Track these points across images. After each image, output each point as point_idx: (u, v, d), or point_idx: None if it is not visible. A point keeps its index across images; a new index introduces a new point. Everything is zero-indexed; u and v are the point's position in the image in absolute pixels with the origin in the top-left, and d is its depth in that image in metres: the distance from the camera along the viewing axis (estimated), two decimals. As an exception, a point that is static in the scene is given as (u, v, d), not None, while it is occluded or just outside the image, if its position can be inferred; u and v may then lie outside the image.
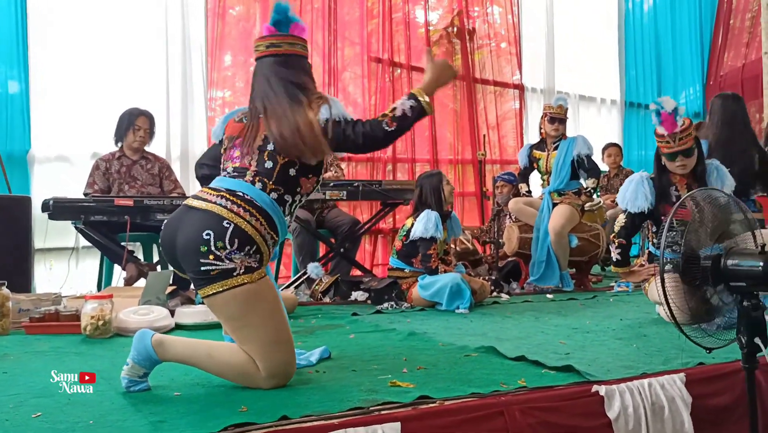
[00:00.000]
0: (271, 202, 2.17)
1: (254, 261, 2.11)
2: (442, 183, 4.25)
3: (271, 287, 2.18)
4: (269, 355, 2.10)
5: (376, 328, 3.34)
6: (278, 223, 2.19)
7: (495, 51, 7.55)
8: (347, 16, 6.68)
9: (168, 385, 2.19)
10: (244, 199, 2.13)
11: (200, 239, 2.06)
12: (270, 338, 2.11)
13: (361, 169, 6.52)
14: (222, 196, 2.14)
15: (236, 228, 2.08)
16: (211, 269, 2.06)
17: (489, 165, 7.04)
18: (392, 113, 2.21)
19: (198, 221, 2.10)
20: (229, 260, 2.06)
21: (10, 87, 5.00)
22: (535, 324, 3.43)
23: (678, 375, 2.24)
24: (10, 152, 4.87)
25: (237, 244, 2.07)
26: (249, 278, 2.08)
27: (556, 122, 5.14)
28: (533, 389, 2.09)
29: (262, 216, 2.14)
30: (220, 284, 2.07)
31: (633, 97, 8.54)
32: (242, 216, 2.10)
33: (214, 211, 2.10)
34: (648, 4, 8.80)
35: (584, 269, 5.24)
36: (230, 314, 2.12)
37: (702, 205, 2.06)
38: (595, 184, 5.20)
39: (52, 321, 3.31)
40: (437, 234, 4.04)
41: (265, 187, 2.18)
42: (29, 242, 4.37)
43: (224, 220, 2.08)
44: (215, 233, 2.06)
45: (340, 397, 1.98)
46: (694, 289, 2.02)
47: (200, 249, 2.06)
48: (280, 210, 2.20)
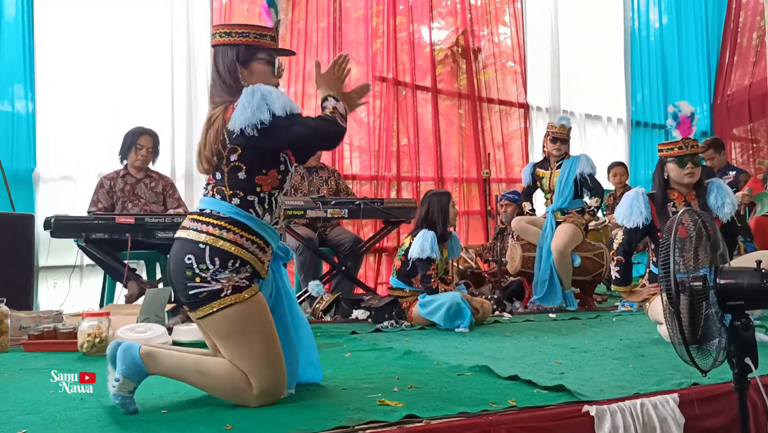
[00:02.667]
0: (236, 209, 2.14)
1: (243, 278, 2.11)
2: (450, 204, 4.24)
3: (262, 304, 2.17)
4: (262, 371, 2.09)
5: (374, 346, 3.32)
6: (255, 226, 2.16)
7: (500, 70, 7.56)
8: (353, 35, 6.72)
9: (156, 402, 2.18)
10: (211, 215, 2.14)
11: (184, 265, 2.09)
12: (262, 355, 2.11)
13: (366, 188, 6.52)
14: (194, 219, 2.16)
15: (212, 248, 2.09)
16: (199, 291, 2.08)
17: (494, 183, 7.03)
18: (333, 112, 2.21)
19: (180, 249, 2.12)
20: (216, 280, 2.07)
21: (17, 106, 5.05)
22: (534, 343, 3.40)
23: (671, 396, 2.21)
24: (16, 170, 4.90)
25: (219, 262, 2.08)
26: (237, 297, 2.09)
27: (558, 142, 5.14)
28: (523, 408, 2.07)
29: (234, 225, 2.12)
30: (209, 306, 2.08)
31: (639, 116, 8.51)
32: (212, 233, 2.10)
33: (190, 237, 2.12)
34: (654, 24, 8.80)
35: (588, 289, 5.21)
36: (222, 334, 2.13)
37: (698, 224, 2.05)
38: (599, 202, 5.19)
39: (51, 339, 3.32)
40: (433, 255, 4.02)
41: (224, 196, 2.16)
42: (32, 260, 4.40)
43: (199, 243, 2.09)
44: (195, 256, 2.08)
45: (326, 415, 1.97)
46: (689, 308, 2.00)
47: (186, 273, 2.08)
48: (251, 213, 2.16)
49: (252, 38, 2.23)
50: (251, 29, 2.24)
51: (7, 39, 5.05)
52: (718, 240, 2.05)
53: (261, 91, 2.09)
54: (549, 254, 4.93)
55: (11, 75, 5.04)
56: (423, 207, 4.26)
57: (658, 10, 8.81)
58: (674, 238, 1.96)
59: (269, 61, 2.25)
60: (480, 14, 7.44)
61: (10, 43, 5.06)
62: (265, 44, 2.25)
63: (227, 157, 2.15)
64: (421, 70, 6.99)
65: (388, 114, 6.70)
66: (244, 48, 2.22)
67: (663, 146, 3.52)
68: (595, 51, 8.23)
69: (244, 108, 2.07)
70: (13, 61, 5.05)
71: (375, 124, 6.66)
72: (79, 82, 5.29)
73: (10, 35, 5.06)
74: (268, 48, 2.25)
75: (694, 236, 2.02)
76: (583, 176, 5.03)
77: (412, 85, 6.87)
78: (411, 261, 4.09)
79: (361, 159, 6.66)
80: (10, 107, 5.05)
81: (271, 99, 2.08)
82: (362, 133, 6.71)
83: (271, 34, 2.27)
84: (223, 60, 2.23)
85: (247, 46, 2.22)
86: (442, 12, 7.40)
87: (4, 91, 5.02)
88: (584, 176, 5.03)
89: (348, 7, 6.68)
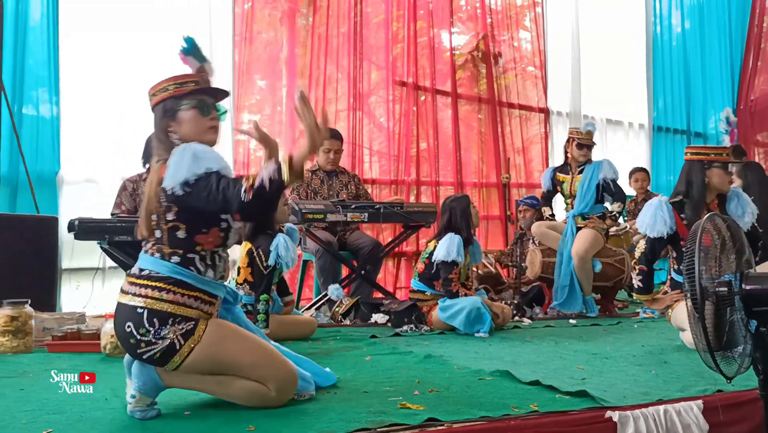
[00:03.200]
0: (176, 267, 2.08)
1: (187, 324, 2.05)
2: (470, 206, 4.24)
3: (220, 325, 2.13)
4: (268, 372, 2.10)
5: (394, 350, 3.32)
6: (197, 283, 2.09)
7: (521, 75, 7.55)
8: (373, 40, 6.74)
9: (179, 404, 2.20)
10: (149, 277, 2.07)
11: (125, 334, 2.04)
12: (257, 361, 2.10)
13: (385, 192, 6.53)
14: (131, 282, 2.10)
15: (149, 311, 2.03)
16: (152, 353, 2.03)
17: (514, 188, 7.01)
18: (252, 181, 1.97)
19: (119, 318, 2.07)
20: (161, 339, 2.03)
21: (42, 110, 5.12)
22: (554, 349, 3.38)
23: (695, 402, 2.19)
24: (40, 173, 4.97)
25: (157, 323, 2.02)
26: (192, 340, 2.04)
27: (584, 148, 5.10)
28: (545, 413, 2.06)
29: (174, 285, 2.06)
30: (171, 361, 2.04)
31: (661, 121, 8.44)
32: (150, 296, 2.04)
33: (127, 302, 2.07)
34: (677, 29, 8.74)
35: (609, 295, 5.17)
36: (208, 370, 2.10)
37: (722, 231, 2.03)
38: (621, 208, 5.14)
39: (74, 340, 3.36)
40: (458, 258, 4.02)
41: (163, 255, 2.09)
42: (56, 262, 4.44)
43: (137, 307, 2.04)
44: (134, 322, 2.03)
45: (347, 418, 1.97)
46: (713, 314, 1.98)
47: (130, 341, 2.04)
48: (192, 270, 2.09)
49: (173, 90, 2.19)
50: (170, 81, 2.21)
51: (32, 44, 5.13)
52: (743, 246, 2.03)
53: (192, 150, 2.06)
54: (569, 260, 4.90)
55: (36, 79, 5.12)
56: (444, 215, 4.25)
57: (680, 15, 8.74)
58: (699, 243, 1.94)
59: (193, 105, 2.18)
60: (500, 19, 7.43)
61: (35, 48, 5.13)
62: (186, 91, 2.19)
63: (164, 217, 2.10)
64: (441, 75, 7.00)
65: (408, 119, 6.71)
66: (168, 101, 2.19)
67: (711, 150, 3.46)
68: (616, 56, 8.18)
69: (177, 167, 2.04)
70: (38, 66, 5.12)
71: (395, 128, 6.67)
72: (102, 86, 5.35)
73: (35, 40, 5.14)
74: (191, 93, 2.20)
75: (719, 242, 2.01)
76: (606, 181, 4.99)
77: (432, 90, 6.88)
78: (435, 264, 4.09)
79: (380, 163, 6.68)
80: (35, 111, 5.12)
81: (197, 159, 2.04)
82: (382, 137, 6.73)
83: (194, 80, 2.22)
84: (154, 120, 2.22)
85: (170, 98, 2.19)
86: (462, 17, 7.40)
87: (29, 96, 5.09)
88: (607, 181, 4.99)
89: (368, 12, 6.70)
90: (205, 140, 2.17)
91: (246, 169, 5.88)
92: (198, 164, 2.02)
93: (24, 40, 5.07)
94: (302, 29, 6.42)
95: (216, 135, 2.22)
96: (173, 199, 2.07)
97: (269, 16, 6.35)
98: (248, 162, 5.95)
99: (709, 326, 2.02)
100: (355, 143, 6.36)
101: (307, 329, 3.83)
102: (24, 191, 4.78)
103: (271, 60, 6.30)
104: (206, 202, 2.03)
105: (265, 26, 6.33)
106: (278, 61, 6.30)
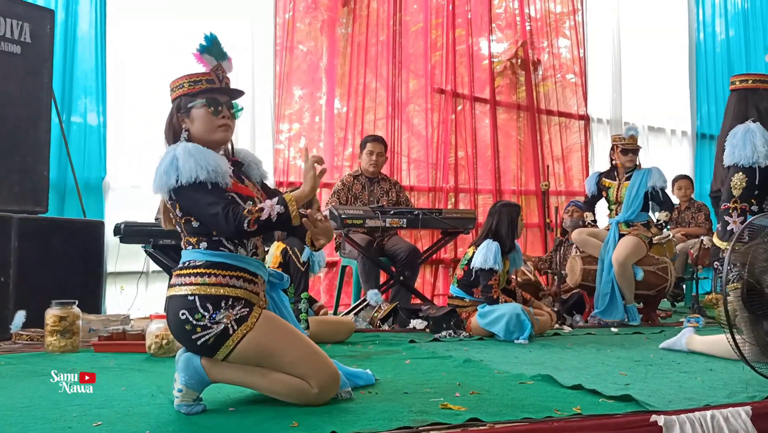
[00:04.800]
0: (207, 252, 2.15)
1: (241, 310, 2.11)
2: (519, 217, 4.21)
3: (272, 318, 2.18)
4: (312, 370, 2.12)
5: (433, 355, 3.32)
6: (233, 261, 2.16)
7: (560, 82, 7.50)
8: (411, 48, 6.77)
9: (224, 400, 2.24)
10: (189, 266, 2.15)
11: (181, 321, 2.10)
12: (302, 357, 2.13)
13: (423, 200, 6.54)
14: (177, 274, 2.18)
15: (200, 297, 2.10)
16: (206, 339, 2.09)
17: (553, 196, 6.95)
18: (258, 214, 2.06)
19: (173, 309, 2.14)
20: (216, 323, 2.09)
21: (89, 119, 5.26)
22: (596, 355, 3.34)
23: (743, 408, 2.14)
24: (87, 179, 5.10)
25: (211, 308, 2.09)
26: (246, 327, 2.10)
27: (629, 153, 5.04)
28: (588, 416, 2.04)
29: (212, 267, 2.13)
30: (224, 346, 2.09)
31: (705, 128, 8.31)
32: (196, 283, 2.11)
33: (177, 293, 2.14)
34: (721, 35, 8.60)
35: (652, 303, 5.08)
36: (254, 361, 2.14)
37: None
38: (668, 217, 5.07)
39: (119, 340, 3.44)
40: (495, 266, 3.99)
41: (193, 244, 2.18)
42: (102, 265, 4.55)
43: (187, 295, 2.11)
44: (188, 309, 2.09)
45: (389, 416, 1.98)
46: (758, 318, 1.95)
47: (186, 328, 2.10)
48: (223, 251, 2.16)
49: (187, 87, 2.25)
50: (185, 78, 2.26)
51: (81, 53, 5.28)
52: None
53: (172, 155, 2.11)
54: (610, 267, 4.83)
55: (83, 89, 5.26)
56: (492, 218, 4.20)
57: (724, 22, 8.61)
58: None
59: (205, 103, 2.23)
60: (539, 26, 7.41)
61: (83, 58, 5.28)
62: (200, 89, 2.24)
63: (174, 211, 2.19)
64: (479, 83, 7.00)
65: (446, 126, 6.72)
66: (183, 98, 2.25)
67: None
68: (657, 63, 8.09)
69: (157, 172, 2.12)
70: (86, 75, 5.27)
71: (433, 136, 6.68)
72: (147, 95, 5.47)
73: (83, 50, 5.28)
74: (203, 92, 2.24)
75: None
76: (655, 190, 4.92)
77: (470, 98, 6.88)
78: (474, 271, 4.07)
79: (418, 171, 6.69)
80: (82, 119, 5.26)
81: (179, 164, 2.08)
82: (420, 145, 6.74)
83: (208, 78, 2.26)
84: (169, 116, 2.29)
85: (184, 96, 2.25)
86: (501, 24, 7.39)
87: (77, 104, 5.24)
88: (656, 189, 4.92)
89: (407, 21, 6.74)
90: (214, 138, 2.24)
91: (285, 177, 5.95)
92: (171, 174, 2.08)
93: (73, 50, 5.22)
94: (341, 38, 6.48)
95: (226, 133, 2.27)
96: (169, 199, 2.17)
97: (309, 25, 6.43)
98: (287, 170, 6.00)
99: (755, 330, 1.98)
100: (393, 151, 6.38)
101: (345, 328, 3.85)
102: (72, 196, 4.92)
103: (311, 69, 6.37)
104: (194, 213, 2.14)
105: (304, 36, 6.41)
106: (318, 71, 6.37)
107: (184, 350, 2.18)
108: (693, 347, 3.38)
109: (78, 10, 5.25)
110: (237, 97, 2.35)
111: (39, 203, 4.36)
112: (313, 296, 4.17)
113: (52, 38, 4.53)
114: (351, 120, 6.31)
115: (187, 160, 2.08)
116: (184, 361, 2.14)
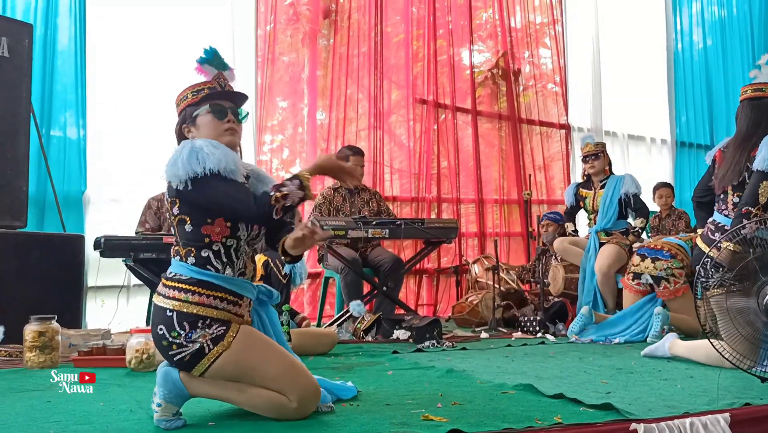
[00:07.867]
0: (194, 269, 2.12)
1: (218, 329, 2.09)
2: None
3: (249, 333, 2.15)
4: (293, 381, 2.10)
5: (416, 365, 3.31)
6: (218, 281, 2.12)
7: (541, 92, 7.57)
8: (393, 59, 6.81)
9: (204, 415, 2.22)
10: (174, 279, 2.13)
11: (158, 336, 2.10)
12: (281, 372, 2.10)
13: (406, 210, 6.55)
14: (164, 283, 2.16)
15: (178, 313, 2.08)
16: (182, 356, 2.08)
17: (535, 205, 6.99)
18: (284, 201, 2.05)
19: (154, 318, 2.13)
20: (191, 342, 2.07)
21: (69, 132, 5.23)
22: (578, 364, 3.35)
23: (722, 415, 2.15)
24: (67, 193, 5.08)
25: (187, 327, 2.07)
26: (222, 346, 2.08)
27: (589, 160, 5.13)
28: (569, 425, 2.04)
29: (197, 285, 2.11)
30: (200, 364, 2.08)
31: (684, 136, 8.41)
32: (178, 298, 2.09)
33: (160, 304, 2.12)
34: (698, 45, 8.71)
35: (633, 311, 5.10)
36: (232, 377, 2.11)
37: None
38: (644, 223, 5.11)
39: (100, 355, 3.40)
40: None
41: (181, 256, 2.15)
42: (82, 279, 4.51)
43: (166, 310, 2.09)
44: (165, 325, 2.09)
45: (370, 429, 1.97)
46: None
47: (162, 343, 2.10)
48: (210, 270, 2.13)
49: (191, 97, 2.27)
50: (189, 90, 2.29)
51: (60, 67, 5.26)
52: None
53: (192, 145, 2.12)
54: (592, 276, 4.87)
55: (63, 102, 5.25)
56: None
57: (701, 32, 8.74)
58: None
59: (209, 110, 2.24)
60: (520, 37, 7.48)
61: (63, 71, 5.26)
62: (203, 96, 2.26)
63: (172, 211, 2.18)
64: (461, 93, 7.04)
65: (429, 136, 6.75)
66: (188, 109, 2.27)
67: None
68: (637, 72, 8.19)
69: (174, 161, 2.10)
70: (65, 89, 5.25)
71: (415, 147, 6.70)
72: (127, 108, 5.46)
73: (63, 63, 5.27)
74: (205, 98, 2.26)
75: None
76: (628, 196, 4.98)
77: (452, 108, 6.92)
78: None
79: (401, 182, 6.71)
80: (62, 133, 5.23)
81: (203, 154, 2.09)
82: (402, 155, 6.76)
83: (210, 86, 2.28)
84: (176, 127, 2.30)
85: (188, 106, 2.27)
86: (482, 35, 7.45)
87: (57, 118, 5.21)
88: (629, 196, 4.98)
89: (389, 32, 6.78)
90: (222, 143, 2.21)
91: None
92: (194, 162, 2.07)
93: (52, 64, 5.20)
94: (323, 50, 6.50)
95: (233, 137, 2.26)
96: (174, 193, 2.14)
97: (291, 37, 6.45)
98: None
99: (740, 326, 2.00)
100: (376, 162, 6.40)
101: (328, 340, 3.84)
102: (51, 211, 4.89)
103: (293, 81, 6.38)
104: (208, 203, 2.11)
105: (286, 48, 6.42)
106: (300, 82, 6.38)
107: (166, 364, 2.17)
108: (676, 351, 3.41)
109: (57, 23, 5.24)
110: (241, 101, 2.36)
111: (18, 218, 4.32)
112: (297, 307, 4.16)
113: (30, 52, 4.50)
114: (333, 131, 6.32)
115: (213, 152, 2.09)
116: (163, 375, 2.12)
